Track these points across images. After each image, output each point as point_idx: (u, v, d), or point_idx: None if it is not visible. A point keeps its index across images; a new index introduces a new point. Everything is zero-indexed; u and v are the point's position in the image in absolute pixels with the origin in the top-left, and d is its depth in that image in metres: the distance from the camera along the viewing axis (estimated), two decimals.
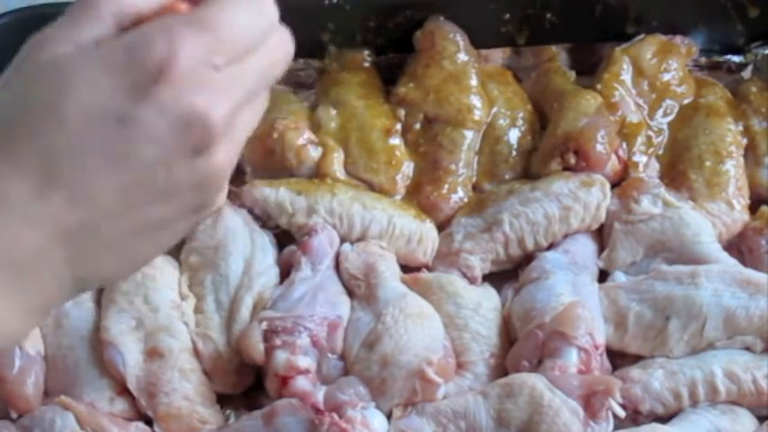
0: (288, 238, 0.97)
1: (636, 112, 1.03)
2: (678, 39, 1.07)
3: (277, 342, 0.87)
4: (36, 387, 0.88)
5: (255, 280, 0.92)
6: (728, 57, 1.09)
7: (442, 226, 0.99)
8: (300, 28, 0.63)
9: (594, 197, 0.96)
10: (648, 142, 1.02)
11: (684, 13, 1.07)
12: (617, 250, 0.95)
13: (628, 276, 0.94)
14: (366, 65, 1.07)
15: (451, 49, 1.04)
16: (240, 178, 0.99)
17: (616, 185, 0.98)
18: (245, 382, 0.91)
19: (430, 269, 0.96)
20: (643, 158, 1.00)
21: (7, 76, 0.57)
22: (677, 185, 0.99)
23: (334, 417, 0.81)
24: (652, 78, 1.04)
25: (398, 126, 1.03)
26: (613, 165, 0.99)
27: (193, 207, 0.59)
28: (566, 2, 1.07)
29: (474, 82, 1.04)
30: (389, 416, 0.86)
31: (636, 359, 0.90)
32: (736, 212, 0.97)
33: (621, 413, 0.83)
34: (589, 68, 1.07)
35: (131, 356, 0.88)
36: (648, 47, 1.05)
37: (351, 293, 0.93)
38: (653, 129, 1.03)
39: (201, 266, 0.94)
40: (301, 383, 0.85)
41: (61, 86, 0.54)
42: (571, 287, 0.90)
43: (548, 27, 1.08)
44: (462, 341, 0.90)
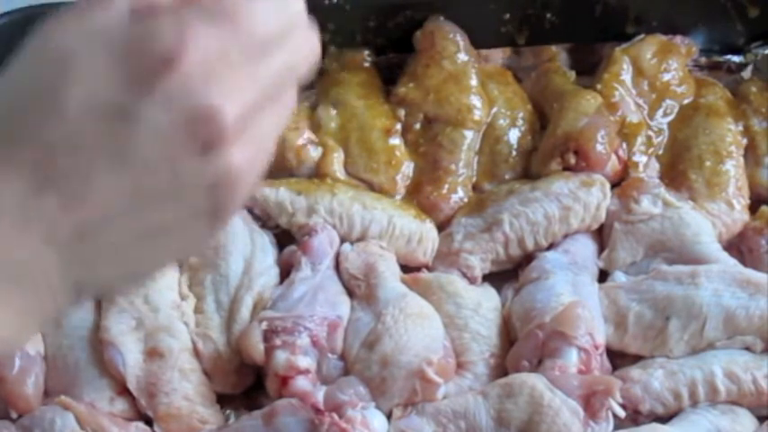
0: (288, 238, 0.97)
1: (636, 112, 1.03)
2: (678, 39, 1.07)
3: (277, 342, 0.87)
4: (36, 387, 0.88)
5: (255, 280, 0.92)
6: (728, 57, 1.09)
7: (442, 226, 0.99)
8: None
9: (594, 197, 0.96)
10: (648, 142, 1.02)
11: (684, 13, 1.07)
12: (617, 250, 0.95)
13: (628, 276, 0.94)
14: (366, 65, 1.07)
15: (451, 49, 1.04)
16: None
17: (616, 185, 0.98)
18: (245, 382, 0.91)
19: (430, 269, 0.96)
20: (643, 158, 1.00)
21: (12, 65, 0.53)
22: (677, 185, 0.99)
23: (334, 417, 0.81)
24: (652, 78, 1.04)
25: (398, 126, 1.03)
26: (613, 165, 0.99)
27: (203, 212, 0.53)
28: (566, 2, 1.07)
29: (474, 82, 1.04)
30: (389, 416, 0.86)
31: (636, 359, 0.89)
32: (736, 212, 0.97)
33: (621, 413, 0.83)
34: (589, 68, 1.07)
35: (131, 356, 0.88)
36: (648, 47, 1.05)
37: (351, 293, 0.93)
38: (653, 129, 1.03)
39: (201, 266, 0.94)
40: (301, 383, 0.85)
41: (61, 76, 0.50)
42: (571, 287, 0.90)
43: (548, 27, 1.08)
44: (462, 341, 0.89)
